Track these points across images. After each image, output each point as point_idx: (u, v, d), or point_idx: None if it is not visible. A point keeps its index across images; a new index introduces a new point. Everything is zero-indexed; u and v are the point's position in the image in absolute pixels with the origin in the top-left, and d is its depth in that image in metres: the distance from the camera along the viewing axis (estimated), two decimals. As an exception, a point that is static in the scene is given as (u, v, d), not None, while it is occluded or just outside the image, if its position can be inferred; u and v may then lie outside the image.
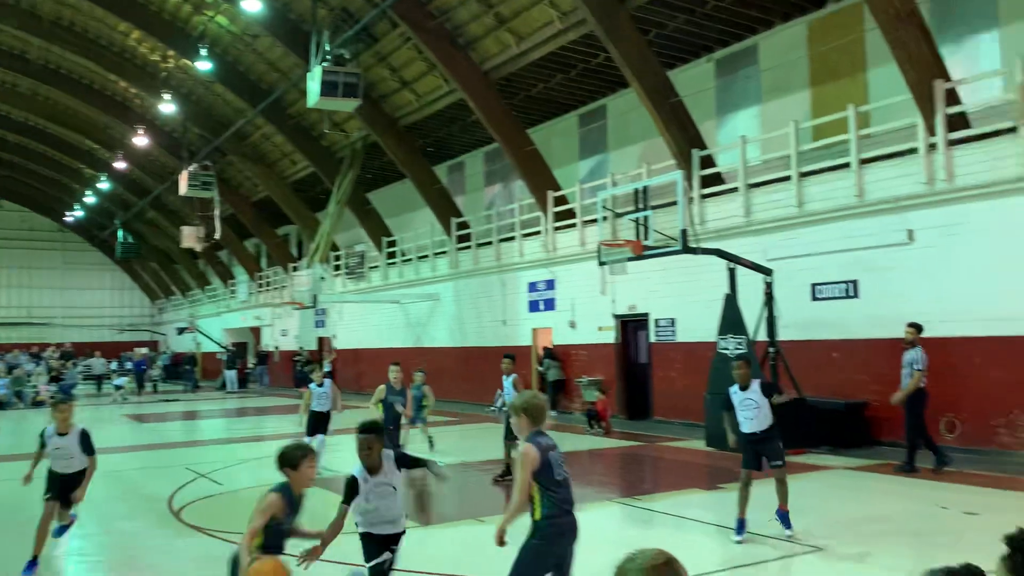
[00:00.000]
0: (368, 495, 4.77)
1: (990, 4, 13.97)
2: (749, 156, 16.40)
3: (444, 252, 26.27)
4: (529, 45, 19.78)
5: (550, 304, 21.67)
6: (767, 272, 14.00)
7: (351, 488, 4.79)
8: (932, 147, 13.06)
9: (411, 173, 26.11)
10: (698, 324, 16.72)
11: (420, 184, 26.08)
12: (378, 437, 4.88)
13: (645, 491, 10.90)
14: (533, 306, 22.35)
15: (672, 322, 18.00)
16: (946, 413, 12.48)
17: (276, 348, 38.33)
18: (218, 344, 41.03)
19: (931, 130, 13.03)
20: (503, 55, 20.59)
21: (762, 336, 13.91)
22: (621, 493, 10.81)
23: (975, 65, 13.97)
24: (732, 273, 14.04)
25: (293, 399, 28.52)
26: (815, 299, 14.84)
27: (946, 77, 13.08)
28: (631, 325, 19.38)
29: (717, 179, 17.26)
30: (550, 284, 21.63)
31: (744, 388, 7.90)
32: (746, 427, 7.87)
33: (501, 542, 4.61)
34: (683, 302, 17.45)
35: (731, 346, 13.92)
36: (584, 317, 20.34)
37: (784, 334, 14.12)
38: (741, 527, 7.64)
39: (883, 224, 13.73)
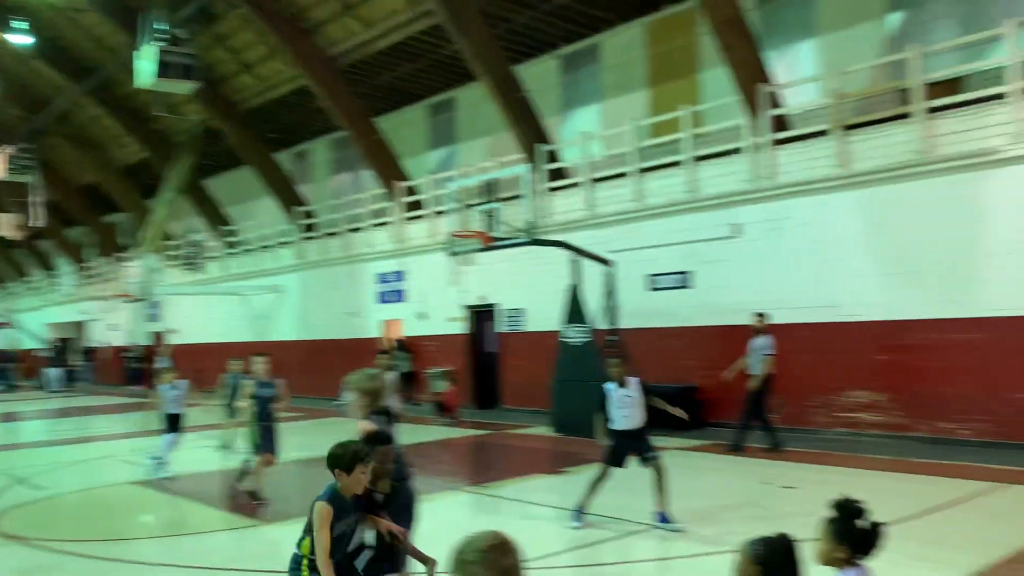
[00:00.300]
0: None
1: (809, 15, 15.09)
2: (592, 152, 16.95)
3: (289, 242, 25.55)
4: (376, 33, 19.55)
5: (400, 295, 21.56)
6: (608, 263, 14.55)
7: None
8: (757, 147, 13.98)
9: (253, 160, 25.22)
10: (545, 314, 17.14)
11: (262, 171, 25.24)
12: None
13: (492, 478, 11.10)
14: (383, 297, 22.16)
15: (520, 312, 18.35)
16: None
17: (103, 344, 35.99)
18: (38, 340, 38.05)
19: (756, 131, 13.94)
20: (350, 42, 20.24)
21: (605, 325, 14.46)
22: (469, 481, 10.96)
23: (796, 71, 15.05)
24: (576, 264, 14.50)
25: (122, 398, 26.96)
26: (652, 289, 15.56)
27: (770, 81, 14.04)
28: (481, 315, 19.60)
29: (562, 173, 17.73)
30: (399, 275, 21.52)
31: (622, 384, 7.79)
32: (621, 424, 7.70)
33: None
34: (531, 292, 17.84)
35: (575, 334, 14.38)
36: (434, 308, 20.38)
37: (624, 322, 14.73)
38: (579, 515, 7.65)
39: (714, 219, 14.58)
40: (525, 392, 17.90)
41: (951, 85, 12.68)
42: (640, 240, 15.66)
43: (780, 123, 14.10)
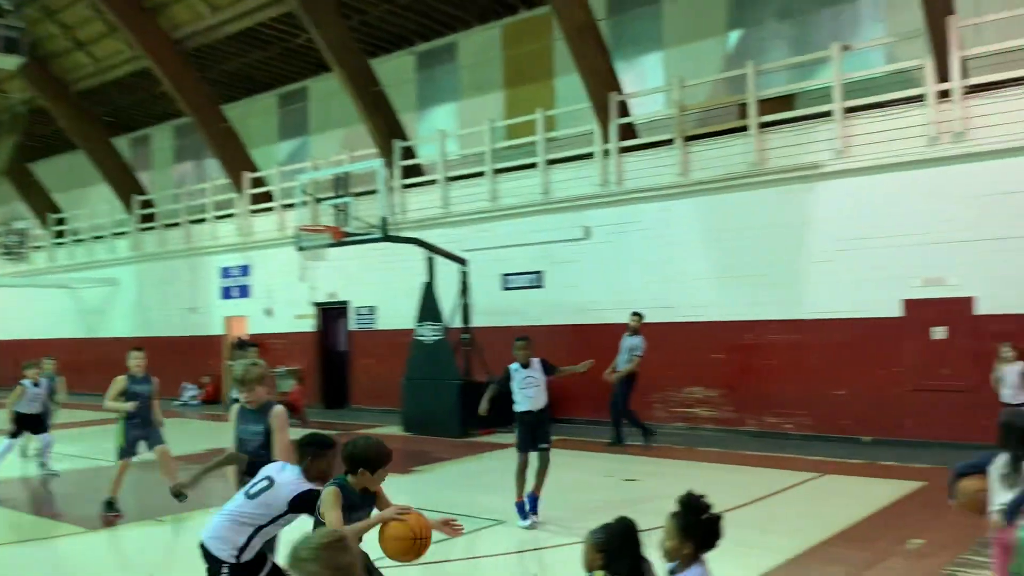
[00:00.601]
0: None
1: (656, 28, 15.74)
2: (448, 150, 16.99)
3: (125, 232, 24.08)
4: (225, 17, 18.74)
5: (245, 291, 20.79)
6: (463, 262, 14.63)
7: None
8: (607, 153, 14.46)
9: (85, 144, 23.57)
10: (398, 312, 17.02)
11: (96, 157, 23.64)
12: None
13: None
14: (226, 293, 21.29)
15: (372, 310, 18.13)
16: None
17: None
18: None
19: (606, 137, 14.43)
20: (196, 24, 19.30)
21: (458, 323, 14.53)
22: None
23: (643, 82, 15.67)
24: (431, 262, 14.49)
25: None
26: (506, 288, 15.78)
27: (620, 90, 14.55)
28: (331, 313, 19.21)
29: (417, 170, 17.66)
30: (245, 270, 20.75)
31: (525, 366, 7.83)
32: (525, 405, 7.77)
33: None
34: (383, 290, 17.66)
35: (428, 333, 14.37)
36: (281, 304, 19.79)
37: (477, 321, 14.86)
38: (523, 510, 7.60)
39: (565, 221, 14.96)
40: (375, 391, 17.70)
41: (783, 102, 13.59)
42: (494, 240, 15.84)
43: (629, 131, 14.65)
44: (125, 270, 24.06)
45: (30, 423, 11.01)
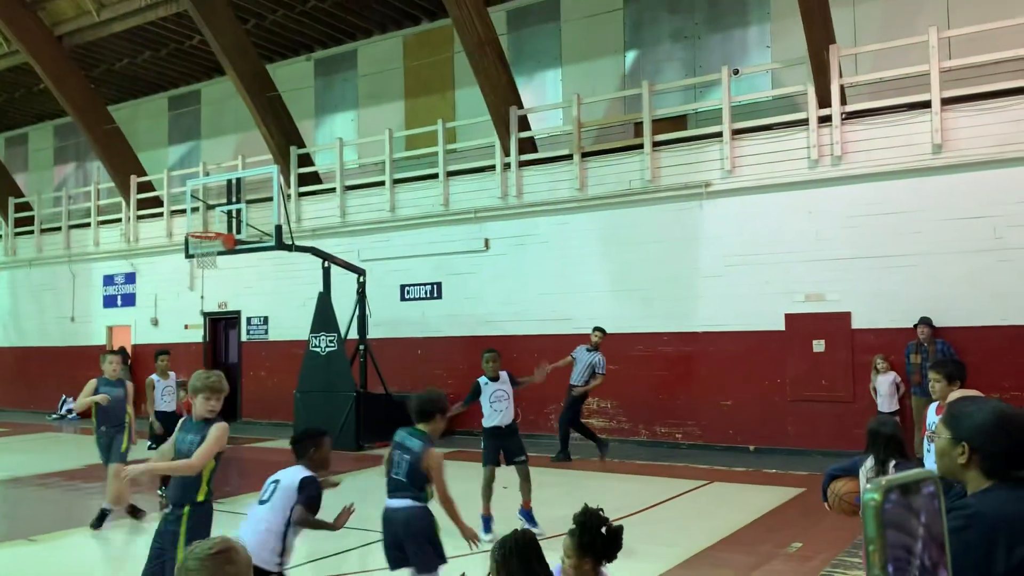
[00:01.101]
0: None
1: (554, 45, 16.01)
2: (346, 159, 16.78)
3: (-2, 237, 22.70)
4: (112, 15, 17.98)
5: (129, 299, 19.91)
6: (360, 272, 14.44)
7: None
8: (507, 166, 14.59)
9: (-44, 142, 22.14)
10: (291, 322, 16.65)
11: (-32, 156, 22.22)
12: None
13: (228, 493, 10.55)
14: (109, 301, 20.34)
15: (265, 320, 17.67)
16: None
17: None
18: None
19: (506, 151, 14.56)
20: (81, 21, 18.44)
21: (354, 334, 14.32)
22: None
23: (543, 97, 15.91)
24: (327, 272, 14.24)
25: None
26: (404, 299, 15.66)
27: (519, 105, 14.72)
28: (221, 323, 18.61)
29: (315, 178, 17.36)
30: (130, 277, 19.88)
31: (495, 379, 7.68)
32: (495, 420, 7.66)
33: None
34: (277, 300, 17.24)
35: (323, 343, 14.11)
36: (169, 314, 19.05)
37: (374, 332, 14.69)
38: (488, 524, 7.44)
39: (465, 232, 14.99)
40: (267, 404, 17.23)
41: (676, 121, 14.05)
42: (393, 250, 15.73)
43: (528, 145, 14.83)
44: (-3, 276, 22.67)
45: None
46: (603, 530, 3.36)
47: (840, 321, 11.82)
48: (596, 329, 12.17)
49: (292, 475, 4.48)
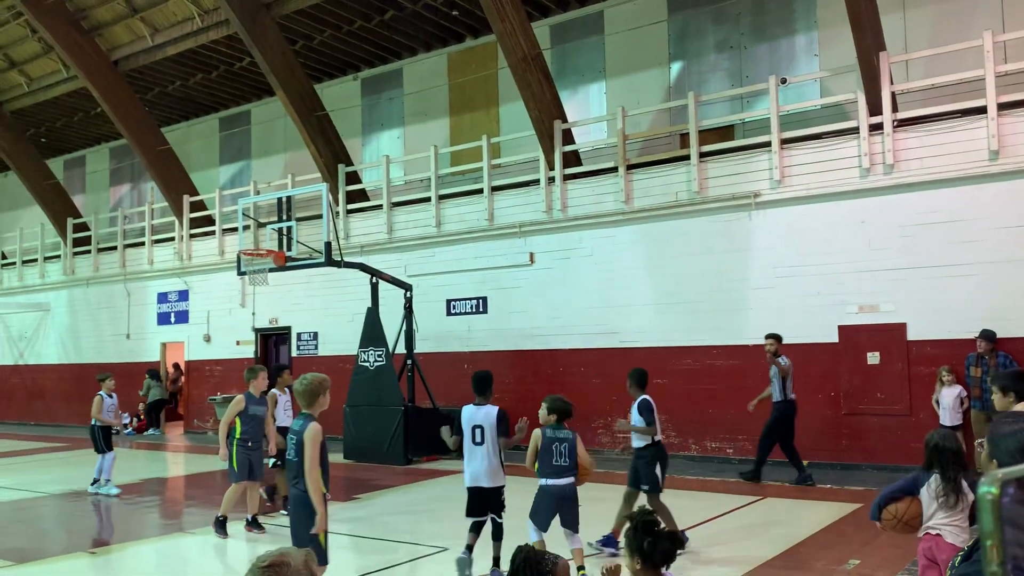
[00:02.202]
0: None
1: (598, 59, 16.02)
2: (392, 175, 16.96)
3: (57, 256, 23.38)
4: (166, 39, 18.50)
5: (183, 316, 20.33)
6: (407, 287, 14.55)
7: None
8: (551, 180, 14.60)
9: (17, 165, 22.88)
10: (340, 337, 16.84)
11: (29, 178, 22.95)
12: None
13: (278, 507, 10.67)
14: (163, 318, 20.79)
15: (314, 335, 17.89)
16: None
17: None
18: None
19: (550, 165, 14.57)
20: (135, 46, 19.01)
21: (401, 349, 14.41)
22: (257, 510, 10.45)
23: (586, 111, 15.91)
24: (375, 287, 14.38)
25: None
26: (450, 314, 15.73)
27: (564, 118, 14.74)
28: (272, 339, 18.89)
29: (362, 195, 17.57)
30: (183, 295, 20.31)
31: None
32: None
33: None
34: (326, 315, 17.45)
35: (371, 358, 14.22)
36: (221, 330, 19.39)
37: (421, 346, 14.78)
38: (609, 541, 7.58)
39: (509, 246, 15.02)
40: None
41: (723, 132, 13.94)
42: (438, 265, 15.82)
43: (572, 158, 14.82)
44: (57, 295, 23.35)
45: None
46: (654, 531, 3.36)
47: (895, 332, 11.56)
48: (769, 337, 11.05)
49: (487, 414, 6.79)
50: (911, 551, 6.92)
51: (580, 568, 6.26)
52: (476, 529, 6.79)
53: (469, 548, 6.75)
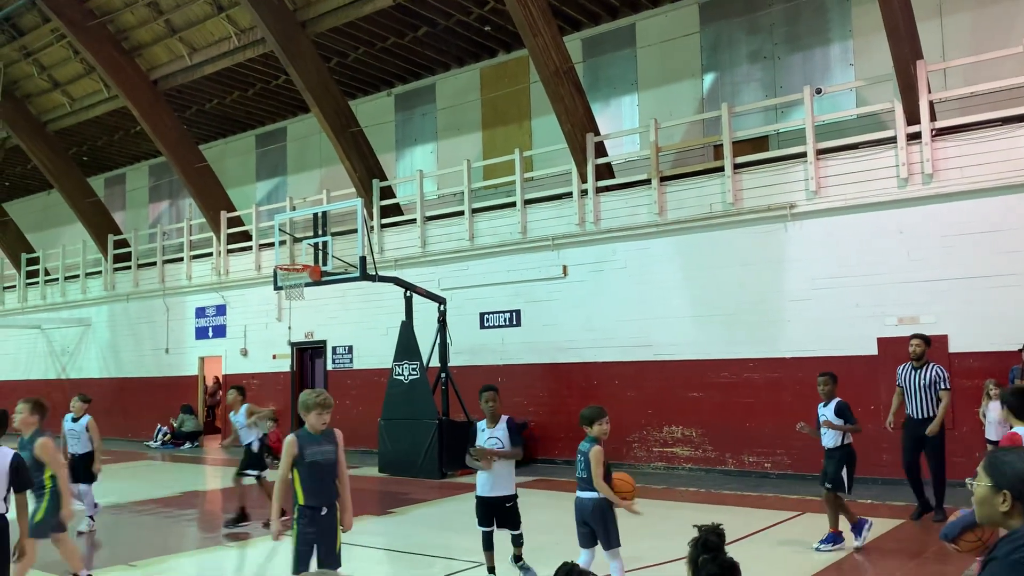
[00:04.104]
0: None
1: (631, 71, 16.02)
2: (426, 190, 17.07)
3: (98, 272, 23.84)
4: (203, 58, 18.86)
5: (220, 331, 20.59)
6: (441, 301, 14.61)
7: None
8: (584, 193, 14.59)
9: (60, 183, 23.41)
10: (375, 351, 16.94)
11: (71, 196, 23.46)
12: None
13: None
14: (201, 333, 21.08)
15: (349, 349, 18.01)
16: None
17: None
18: None
19: (583, 177, 14.56)
20: (174, 65, 19.40)
21: (435, 362, 14.45)
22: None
23: (619, 123, 15.90)
24: (408, 301, 14.46)
25: None
26: (483, 327, 15.76)
27: (596, 131, 14.74)
28: (308, 352, 19.06)
29: (396, 210, 17.71)
30: (221, 309, 20.58)
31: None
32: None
33: None
34: (361, 329, 17.57)
35: (406, 372, 14.29)
36: (258, 344, 19.61)
37: (455, 359, 14.81)
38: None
39: (543, 259, 15.02)
40: (352, 431, 17.41)
41: (757, 143, 13.84)
42: (472, 278, 15.87)
43: (605, 171, 14.80)
44: (98, 310, 23.80)
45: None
46: (704, 555, 3.28)
47: (937, 344, 11.32)
48: (914, 337, 9.35)
49: (504, 423, 6.99)
50: (956, 569, 6.77)
51: None
52: (488, 544, 6.85)
53: (491, 570, 6.84)
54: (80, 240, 24.29)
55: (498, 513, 6.76)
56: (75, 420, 10.04)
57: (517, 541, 6.85)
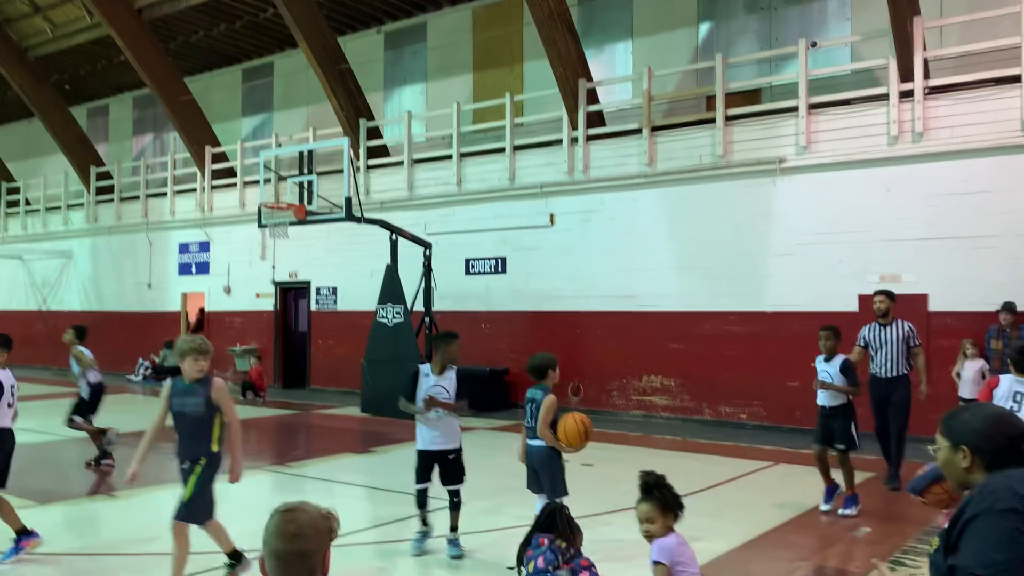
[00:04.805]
0: None
1: (626, 17, 15.76)
2: (414, 132, 16.87)
3: (80, 205, 23.57)
4: (190, -12, 18.38)
5: (204, 267, 20.49)
6: (427, 245, 14.57)
7: None
8: (574, 140, 14.48)
9: (42, 112, 22.95)
10: (359, 293, 16.93)
11: (53, 126, 23.04)
12: None
13: (297, 457, 10.85)
14: (184, 269, 20.97)
15: (334, 290, 17.99)
16: (572, 379, 14.03)
17: None
18: None
19: (574, 124, 14.43)
20: (159, -6, 18.91)
21: (420, 306, 14.48)
22: (272, 461, 10.65)
23: (612, 70, 15.70)
24: (394, 244, 14.41)
25: None
26: (468, 273, 15.75)
27: (589, 77, 14.56)
28: (292, 292, 19.02)
29: (383, 151, 17.52)
30: (204, 246, 20.44)
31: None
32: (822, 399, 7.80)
33: None
34: (345, 271, 17.53)
35: (390, 315, 14.31)
36: (241, 283, 19.55)
37: (439, 305, 14.83)
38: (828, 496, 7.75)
39: (530, 207, 14.96)
40: (335, 372, 17.60)
41: (750, 95, 13.72)
42: (458, 224, 15.80)
43: (596, 119, 14.67)
44: (80, 243, 23.58)
45: None
46: (671, 489, 3.84)
47: (916, 303, 11.45)
48: (878, 293, 8.99)
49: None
50: (922, 521, 6.96)
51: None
52: (423, 501, 6.41)
53: (424, 522, 6.43)
54: (62, 171, 23.93)
55: (441, 466, 6.33)
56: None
57: (455, 506, 6.32)
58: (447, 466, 6.33)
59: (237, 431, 5.42)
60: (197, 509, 5.23)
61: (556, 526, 4.98)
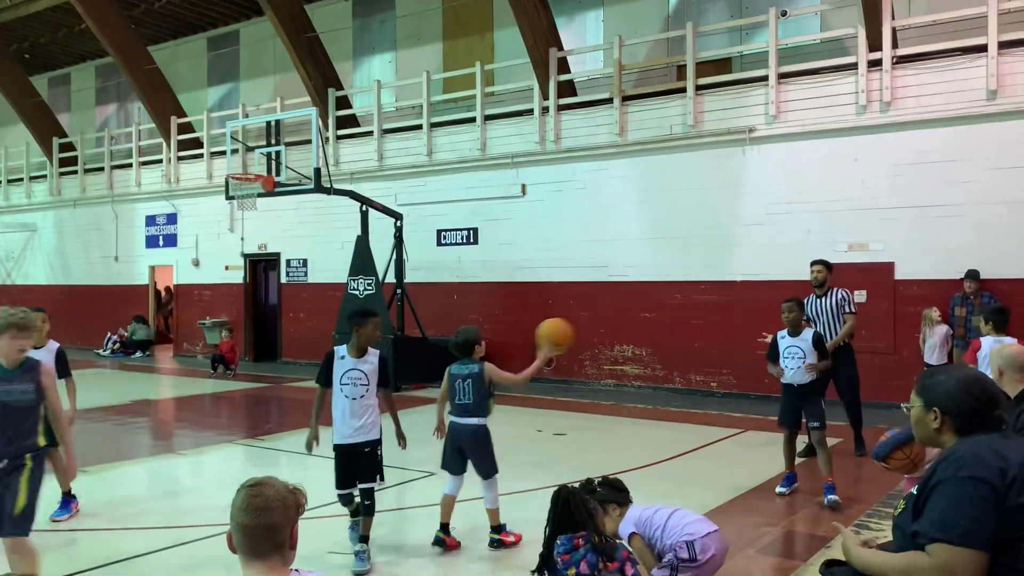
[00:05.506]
0: None
1: (597, -15, 15.61)
2: (384, 101, 16.69)
3: (43, 176, 23.09)
4: (152, -47, 17.92)
5: (171, 240, 20.22)
6: (397, 216, 14.48)
7: None
8: (545, 110, 14.41)
9: (1, 82, 22.37)
10: (330, 265, 16.82)
11: (12, 95, 22.48)
12: None
13: (269, 431, 10.83)
14: (151, 241, 20.68)
15: (304, 262, 17.86)
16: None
17: None
18: None
19: (544, 94, 14.36)
20: (120, -41, 18.42)
21: (391, 278, 14.42)
22: (244, 434, 10.62)
23: (583, 39, 15.60)
24: (364, 215, 14.30)
25: None
26: (440, 244, 15.70)
27: (559, 46, 14.46)
28: (261, 264, 18.85)
29: (352, 121, 17.32)
30: (172, 218, 20.16)
31: (794, 335, 7.41)
32: (788, 377, 7.43)
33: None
34: (315, 242, 17.40)
35: (361, 286, 14.24)
36: (210, 255, 19.33)
37: (411, 276, 14.79)
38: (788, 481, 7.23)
39: (501, 177, 14.91)
40: (306, 345, 17.52)
41: (720, 65, 13.72)
42: (429, 195, 15.72)
43: (567, 88, 14.60)
44: (44, 215, 23.15)
45: None
46: (615, 485, 4.38)
47: (883, 271, 11.62)
48: (815, 263, 9.04)
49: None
50: (886, 485, 7.11)
51: (493, 529, 5.73)
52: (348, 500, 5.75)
53: (355, 514, 5.72)
54: (23, 142, 23.40)
55: (356, 463, 5.57)
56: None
57: (368, 509, 5.52)
58: (361, 462, 5.57)
59: (66, 421, 4.81)
60: (30, 517, 4.38)
61: (577, 518, 4.24)
